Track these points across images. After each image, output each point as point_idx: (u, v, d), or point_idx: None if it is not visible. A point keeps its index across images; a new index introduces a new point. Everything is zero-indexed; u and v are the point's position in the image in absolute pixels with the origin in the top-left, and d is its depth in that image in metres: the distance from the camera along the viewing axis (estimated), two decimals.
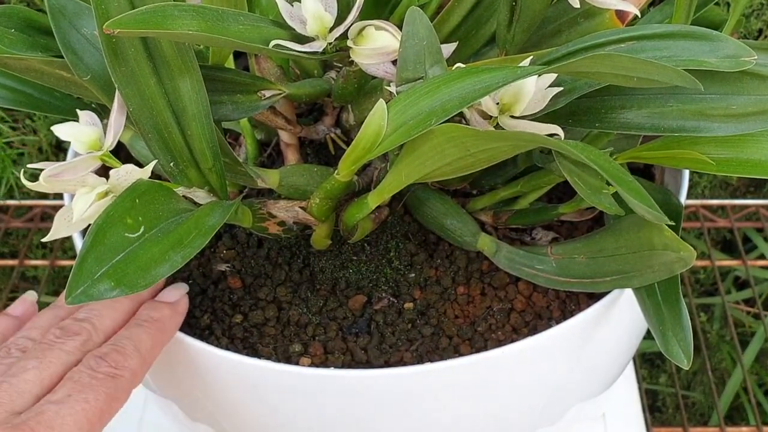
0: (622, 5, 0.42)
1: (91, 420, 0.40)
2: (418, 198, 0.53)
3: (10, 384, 0.40)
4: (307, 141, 0.57)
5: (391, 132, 0.40)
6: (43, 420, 0.38)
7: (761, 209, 0.83)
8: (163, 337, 0.45)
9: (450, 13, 0.50)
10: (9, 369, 0.42)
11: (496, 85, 0.38)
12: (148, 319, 0.45)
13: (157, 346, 0.45)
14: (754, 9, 0.81)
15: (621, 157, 0.46)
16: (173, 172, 0.44)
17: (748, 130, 0.42)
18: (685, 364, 0.44)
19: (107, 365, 0.42)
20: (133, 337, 0.44)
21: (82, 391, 0.40)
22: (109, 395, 0.41)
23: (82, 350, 0.43)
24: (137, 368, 0.43)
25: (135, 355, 0.43)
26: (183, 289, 0.49)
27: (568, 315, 0.50)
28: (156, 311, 0.46)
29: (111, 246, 0.37)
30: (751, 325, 0.88)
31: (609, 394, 0.58)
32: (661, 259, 0.43)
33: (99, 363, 0.42)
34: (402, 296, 0.52)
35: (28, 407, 0.39)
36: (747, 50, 0.39)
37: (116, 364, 0.42)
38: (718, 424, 0.68)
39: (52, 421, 0.38)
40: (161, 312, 0.46)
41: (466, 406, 0.49)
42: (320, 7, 0.42)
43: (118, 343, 0.43)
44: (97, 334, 0.44)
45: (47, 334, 0.44)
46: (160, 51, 0.42)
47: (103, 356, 0.42)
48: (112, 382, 0.41)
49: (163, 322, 0.46)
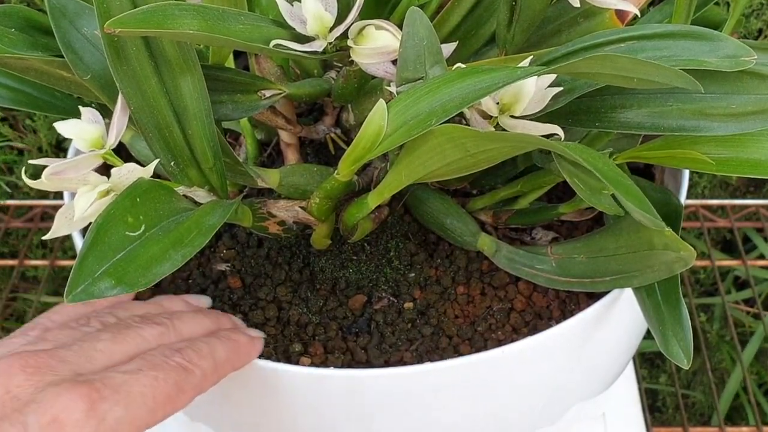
0: (622, 5, 0.42)
1: (156, 398, 0.39)
2: (418, 198, 0.53)
3: (80, 347, 0.40)
4: (307, 141, 0.57)
5: (391, 132, 0.40)
6: (109, 383, 0.38)
7: (761, 209, 0.83)
8: (235, 358, 0.45)
9: (450, 13, 0.51)
10: (83, 336, 0.42)
11: (496, 85, 0.38)
12: (226, 336, 0.45)
13: (229, 363, 0.44)
14: (754, 9, 0.81)
15: (621, 157, 0.46)
16: (174, 171, 0.44)
17: (748, 130, 0.42)
18: (685, 364, 0.44)
19: (181, 357, 0.42)
20: (210, 343, 0.44)
21: (153, 368, 0.40)
22: (177, 383, 0.40)
23: (157, 340, 0.43)
24: (209, 372, 0.43)
25: (209, 358, 0.43)
26: (262, 334, 0.49)
27: (568, 315, 0.50)
28: (234, 334, 0.46)
29: (112, 244, 0.37)
30: (751, 325, 0.88)
31: (609, 393, 0.58)
32: (661, 259, 0.43)
33: (173, 353, 0.42)
34: (402, 296, 0.52)
35: (93, 373, 0.39)
36: (747, 50, 0.39)
37: (190, 359, 0.42)
38: (718, 423, 0.68)
39: (119, 386, 0.38)
40: (239, 336, 0.46)
41: (466, 406, 0.49)
42: (320, 7, 0.42)
43: (194, 344, 0.43)
44: (175, 333, 0.44)
45: (130, 317, 0.44)
46: (162, 50, 0.42)
47: (178, 350, 0.42)
48: (183, 372, 0.41)
49: (240, 345, 0.46)
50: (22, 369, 0.38)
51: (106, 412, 0.37)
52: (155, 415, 0.39)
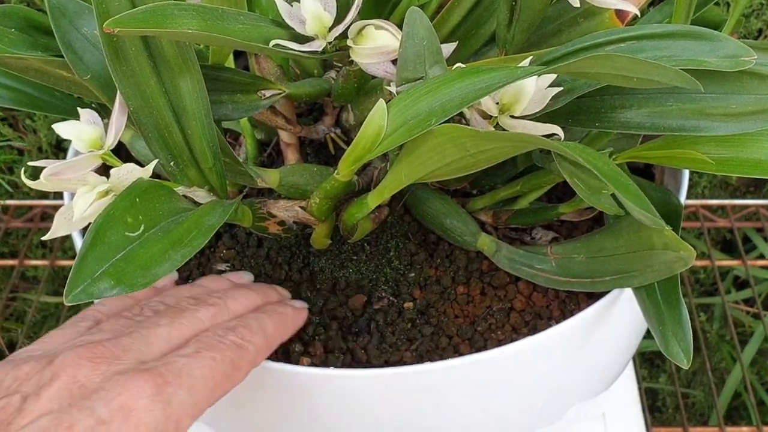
0: (622, 5, 0.42)
1: (215, 378, 0.41)
2: (418, 198, 0.53)
3: (140, 334, 0.41)
4: (307, 141, 0.57)
5: (391, 132, 0.40)
6: (172, 368, 0.39)
7: (761, 209, 0.83)
8: (283, 330, 0.47)
9: (450, 13, 0.51)
10: (140, 323, 0.43)
11: (496, 85, 0.38)
12: (273, 310, 0.47)
13: (277, 335, 0.46)
14: (754, 9, 0.81)
15: (621, 157, 0.46)
16: (173, 171, 0.44)
17: (748, 130, 0.42)
18: (685, 364, 0.44)
19: (235, 335, 0.43)
20: (259, 319, 0.45)
21: (210, 350, 0.41)
22: (233, 361, 0.42)
23: (212, 321, 0.45)
24: (261, 346, 0.44)
25: (260, 333, 0.44)
26: (305, 305, 0.50)
27: (567, 315, 0.50)
28: (280, 307, 0.48)
29: (111, 245, 0.37)
30: (751, 324, 0.88)
31: (609, 393, 0.58)
32: (660, 259, 0.43)
33: (227, 332, 0.43)
34: (402, 296, 0.52)
35: (155, 359, 0.40)
36: (747, 50, 0.39)
37: (243, 336, 0.43)
38: (718, 423, 0.68)
39: (181, 370, 0.39)
40: (285, 308, 0.48)
41: (466, 406, 0.49)
42: (319, 7, 0.42)
43: (245, 321, 0.45)
44: (227, 311, 0.46)
45: (181, 302, 0.45)
46: (161, 50, 0.42)
47: (231, 328, 0.44)
48: (238, 350, 0.42)
49: (286, 317, 0.48)
50: (89, 360, 0.39)
51: (171, 396, 0.38)
52: (215, 394, 0.41)
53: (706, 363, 0.73)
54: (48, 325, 0.91)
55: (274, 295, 0.50)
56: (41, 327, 0.91)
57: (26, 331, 0.82)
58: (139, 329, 0.42)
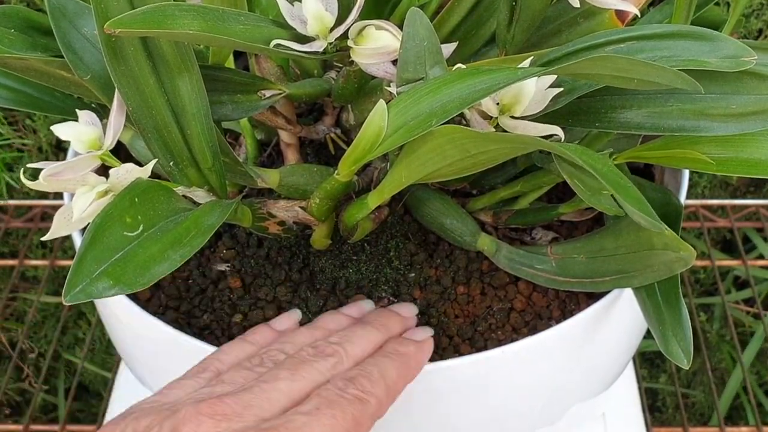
0: (622, 5, 0.42)
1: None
2: (418, 198, 0.53)
3: (261, 389, 0.40)
4: (307, 141, 0.57)
5: (392, 132, 0.40)
6: (292, 427, 0.38)
7: (761, 209, 0.83)
8: (408, 372, 0.45)
9: (450, 13, 0.50)
10: (261, 376, 0.42)
11: (496, 86, 0.38)
12: (394, 351, 0.45)
13: (401, 380, 0.44)
14: (754, 9, 0.81)
15: (621, 157, 0.46)
16: (173, 171, 0.44)
17: (748, 130, 0.42)
18: (685, 364, 0.44)
19: (355, 388, 0.41)
20: (380, 365, 0.44)
21: (331, 406, 0.40)
22: (355, 417, 0.40)
23: (331, 372, 0.43)
24: (383, 397, 0.42)
25: (381, 382, 0.43)
26: (429, 332, 0.49)
27: (568, 315, 0.50)
28: (402, 346, 0.46)
29: (110, 244, 0.37)
30: (751, 324, 0.88)
31: (609, 393, 0.58)
32: (661, 259, 0.43)
33: (347, 384, 0.42)
34: (402, 296, 0.52)
35: (275, 416, 0.39)
36: (747, 50, 0.39)
37: (363, 388, 0.42)
38: (718, 423, 0.68)
39: (301, 429, 0.38)
40: (407, 347, 0.46)
41: (465, 406, 0.49)
42: (321, 7, 0.42)
43: (365, 369, 0.43)
44: (348, 359, 0.44)
45: (301, 351, 0.44)
46: (160, 50, 0.42)
47: (350, 379, 0.42)
48: (360, 405, 0.41)
49: (409, 357, 0.45)
50: (210, 416, 0.38)
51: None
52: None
53: (706, 363, 0.73)
54: (48, 325, 0.91)
55: (395, 325, 0.48)
56: (41, 327, 0.92)
57: (26, 331, 0.82)
58: (260, 383, 0.41)
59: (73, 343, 0.93)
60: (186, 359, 0.48)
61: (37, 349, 0.90)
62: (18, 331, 0.89)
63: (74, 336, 0.93)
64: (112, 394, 0.72)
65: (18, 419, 0.90)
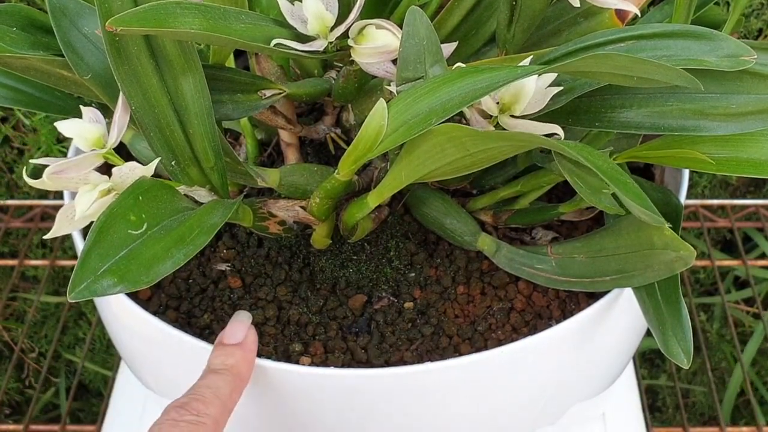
0: (622, 5, 0.43)
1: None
2: (418, 197, 0.53)
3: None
4: (307, 140, 0.57)
5: (392, 131, 0.40)
6: None
7: (761, 209, 0.83)
8: (240, 382, 0.45)
9: (450, 13, 0.51)
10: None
11: (496, 84, 0.38)
12: (222, 366, 0.45)
13: (236, 392, 0.45)
14: (754, 9, 0.81)
15: (621, 157, 0.46)
16: (175, 170, 0.44)
17: (748, 129, 0.42)
18: (685, 364, 0.44)
19: (189, 413, 0.42)
20: (212, 385, 0.44)
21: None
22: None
23: None
24: (218, 415, 0.43)
25: (215, 401, 0.43)
26: (246, 321, 0.48)
27: (568, 315, 0.50)
28: (229, 357, 0.46)
29: (114, 242, 0.37)
30: (751, 324, 0.88)
31: (609, 393, 0.58)
32: (661, 259, 0.43)
33: (180, 412, 0.42)
34: (402, 296, 0.52)
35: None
36: (747, 49, 0.39)
37: (198, 411, 0.42)
38: (718, 423, 0.68)
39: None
40: (234, 356, 0.46)
41: (466, 406, 0.49)
42: (321, 7, 0.42)
43: (197, 392, 0.43)
44: None
45: None
46: (163, 49, 0.42)
47: (182, 405, 0.42)
48: (195, 428, 0.41)
49: (239, 365, 0.45)
50: None
51: None
52: None
53: (706, 363, 0.73)
54: (48, 325, 0.91)
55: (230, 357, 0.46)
56: (41, 327, 0.92)
57: (26, 331, 0.82)
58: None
59: (74, 343, 0.93)
60: (186, 359, 0.48)
61: (38, 348, 0.90)
62: (18, 331, 0.89)
63: (74, 336, 0.93)
64: (112, 393, 0.72)
65: (18, 419, 0.90)
